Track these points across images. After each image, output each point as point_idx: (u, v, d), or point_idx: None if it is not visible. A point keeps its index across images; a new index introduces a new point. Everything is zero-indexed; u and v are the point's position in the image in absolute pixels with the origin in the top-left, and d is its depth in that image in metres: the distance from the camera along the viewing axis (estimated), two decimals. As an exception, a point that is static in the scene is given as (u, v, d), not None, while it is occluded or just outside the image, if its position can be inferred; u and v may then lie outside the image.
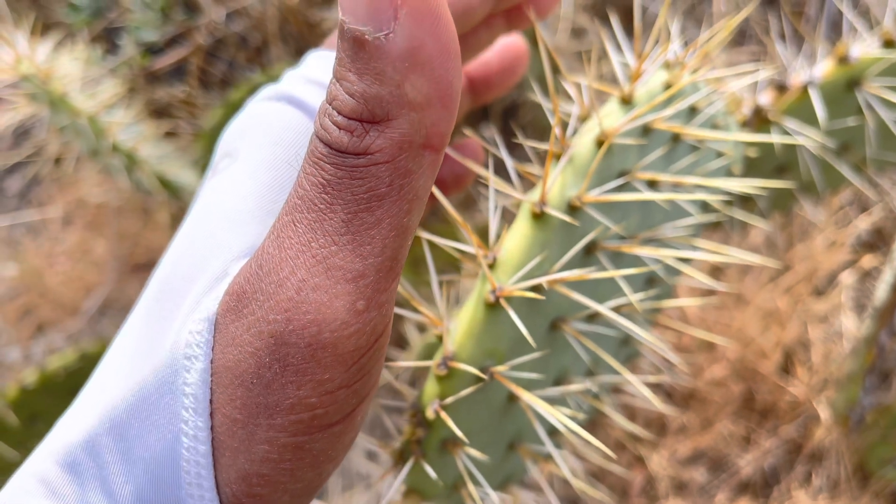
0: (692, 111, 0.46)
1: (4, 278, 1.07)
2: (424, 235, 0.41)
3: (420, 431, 0.38)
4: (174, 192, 0.89)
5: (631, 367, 0.53)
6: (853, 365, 0.80)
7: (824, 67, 0.58)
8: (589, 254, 0.41)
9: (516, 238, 0.38)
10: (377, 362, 0.30)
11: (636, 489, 0.87)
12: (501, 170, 0.83)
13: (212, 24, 0.98)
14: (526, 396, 0.37)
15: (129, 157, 0.82)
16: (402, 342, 0.86)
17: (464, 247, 0.40)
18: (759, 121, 0.59)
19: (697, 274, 0.45)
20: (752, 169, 0.61)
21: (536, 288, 0.37)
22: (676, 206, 0.47)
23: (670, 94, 0.42)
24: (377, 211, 0.27)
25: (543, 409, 0.36)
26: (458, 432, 0.36)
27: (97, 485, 0.29)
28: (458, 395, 0.37)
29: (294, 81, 0.38)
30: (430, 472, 0.38)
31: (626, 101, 0.41)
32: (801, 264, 0.93)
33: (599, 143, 0.39)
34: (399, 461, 0.39)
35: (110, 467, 0.29)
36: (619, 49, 0.51)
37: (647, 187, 0.43)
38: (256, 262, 0.28)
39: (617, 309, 0.44)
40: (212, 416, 0.29)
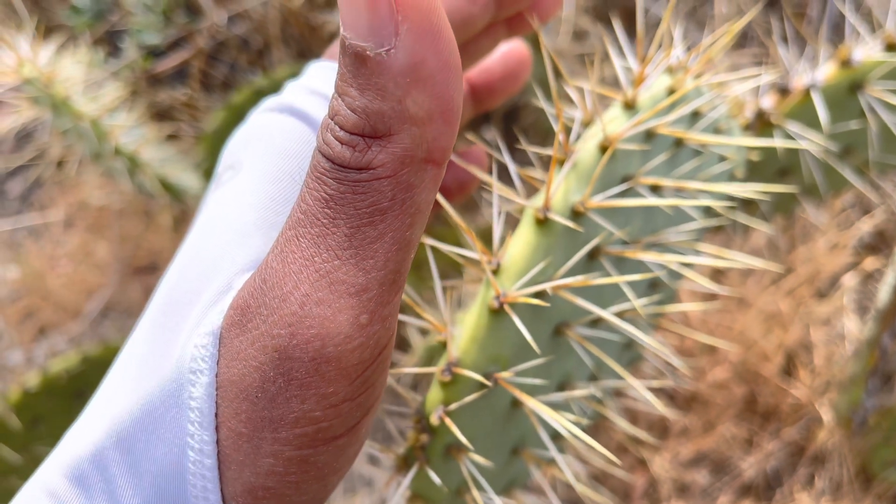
0: (695, 115, 0.46)
1: (6, 281, 1.08)
2: (428, 241, 0.41)
3: (424, 437, 0.38)
4: (176, 195, 0.89)
5: (633, 370, 0.53)
6: (856, 367, 0.80)
7: (827, 71, 0.58)
8: (592, 259, 0.41)
9: (520, 244, 0.38)
10: (381, 375, 0.30)
11: (638, 492, 0.87)
12: (504, 174, 0.83)
13: (213, 26, 0.98)
14: (530, 402, 0.37)
15: (131, 160, 0.82)
16: (403, 345, 0.86)
17: (468, 252, 0.40)
18: (761, 124, 0.59)
19: (700, 278, 0.45)
20: (754, 172, 0.61)
21: (540, 294, 0.37)
22: (679, 210, 0.47)
23: (674, 100, 0.42)
24: (380, 225, 0.27)
25: (548, 415, 0.36)
26: (462, 439, 0.36)
27: (105, 498, 0.29)
28: (463, 402, 0.37)
29: (296, 92, 0.38)
30: (434, 478, 0.38)
31: (630, 106, 0.41)
32: (803, 267, 0.93)
33: (603, 149, 0.39)
34: (403, 467, 0.39)
35: (117, 480, 0.29)
36: (621, 53, 0.51)
37: (650, 192, 0.43)
38: (260, 277, 0.28)
39: (620, 314, 0.44)
40: (217, 429, 0.29)
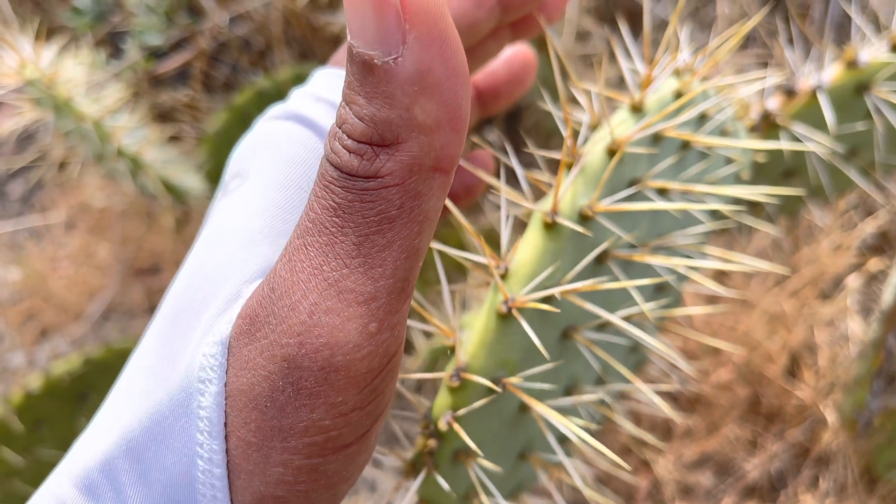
0: (702, 118, 0.46)
1: (8, 283, 1.07)
2: (435, 245, 0.41)
3: (432, 443, 0.37)
4: (178, 196, 0.89)
5: (639, 372, 0.53)
6: (860, 368, 0.79)
7: (833, 72, 0.58)
8: (600, 262, 0.41)
9: (528, 248, 0.37)
10: (390, 383, 0.30)
11: (642, 493, 0.87)
12: (509, 176, 0.83)
13: (215, 27, 0.98)
14: (539, 408, 0.37)
15: (133, 161, 0.82)
16: (408, 347, 0.86)
17: (475, 257, 0.40)
18: (767, 126, 0.59)
19: (705, 280, 0.45)
20: (760, 173, 0.61)
21: (549, 298, 0.37)
22: (686, 213, 0.46)
23: (682, 104, 0.41)
24: (388, 233, 0.27)
25: (557, 420, 0.36)
26: (471, 444, 0.36)
27: None
28: (471, 407, 0.36)
29: (302, 99, 0.38)
30: (442, 483, 0.37)
31: (637, 109, 0.41)
32: (807, 268, 0.93)
33: (611, 153, 0.39)
34: (411, 472, 0.39)
35: (127, 490, 0.29)
36: (627, 54, 0.51)
37: (657, 195, 0.42)
38: (269, 286, 0.28)
39: (628, 318, 0.44)
40: (227, 438, 0.29)
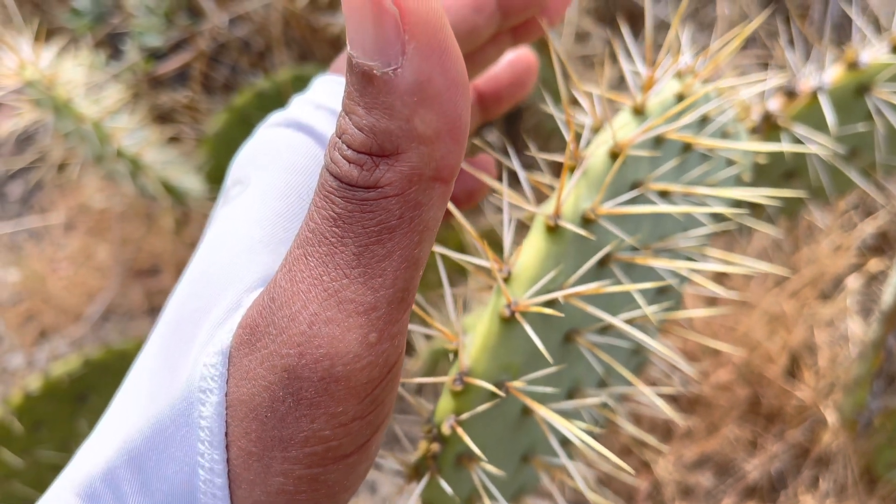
0: (703, 120, 0.46)
1: (7, 284, 1.07)
2: (436, 248, 0.41)
3: (435, 447, 0.37)
4: (178, 198, 0.89)
5: (640, 374, 0.53)
6: (860, 369, 0.79)
7: (833, 73, 0.58)
8: (602, 265, 0.41)
9: (531, 252, 0.37)
10: (390, 393, 0.30)
11: (642, 494, 0.87)
12: (511, 178, 0.83)
13: (215, 28, 0.98)
14: (542, 411, 0.37)
15: (133, 162, 0.82)
16: (408, 349, 0.86)
17: (477, 260, 0.40)
18: (768, 127, 0.59)
19: (706, 282, 0.45)
20: (760, 175, 0.61)
21: (552, 302, 0.37)
22: (688, 215, 0.46)
23: (685, 106, 0.41)
24: (388, 243, 0.27)
25: (560, 424, 0.36)
26: (475, 448, 0.36)
27: None
28: (474, 411, 0.36)
29: (302, 107, 0.38)
30: (446, 487, 0.37)
31: (639, 112, 0.41)
32: (807, 268, 0.93)
33: (614, 155, 0.39)
34: (414, 476, 0.39)
35: (129, 499, 0.29)
36: (628, 55, 0.51)
37: (659, 198, 0.42)
38: (269, 295, 0.28)
39: (630, 320, 0.44)
40: (227, 448, 0.29)
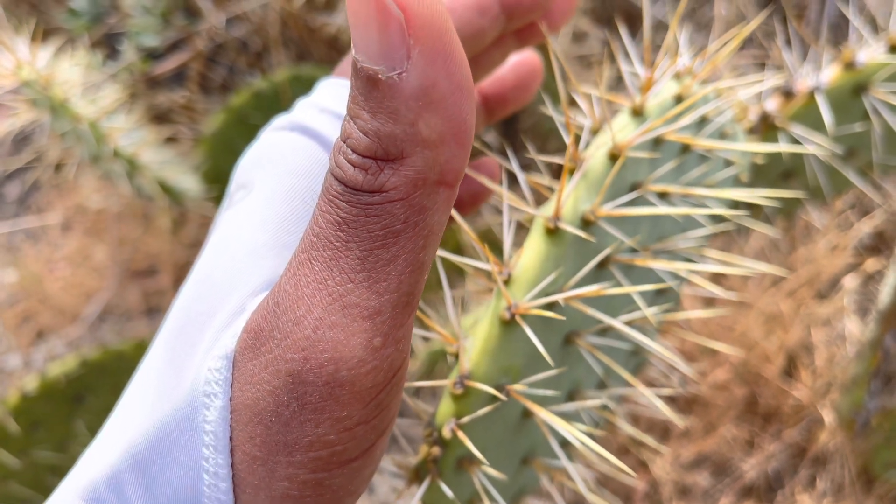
0: (701, 121, 0.46)
1: (4, 284, 1.07)
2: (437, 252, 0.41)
3: (436, 450, 0.37)
4: (175, 198, 0.88)
5: (638, 374, 0.53)
6: (858, 368, 0.80)
7: (831, 73, 0.58)
8: (601, 267, 0.41)
9: (531, 254, 0.37)
10: (395, 397, 0.30)
11: (640, 494, 0.87)
12: (510, 179, 0.83)
13: (212, 29, 0.97)
14: (543, 414, 0.37)
15: (130, 162, 0.82)
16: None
17: (477, 263, 0.40)
18: (765, 127, 0.59)
19: (704, 282, 0.45)
20: (758, 175, 0.61)
21: (552, 304, 0.37)
22: (687, 216, 0.47)
23: (684, 108, 0.42)
24: (392, 248, 0.27)
25: (561, 426, 0.36)
26: (475, 452, 0.36)
27: None
28: (475, 415, 0.36)
29: (307, 110, 0.38)
30: (446, 491, 0.37)
31: (638, 113, 0.41)
32: (804, 268, 0.93)
33: (613, 157, 0.39)
34: (415, 480, 0.39)
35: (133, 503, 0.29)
36: (626, 56, 0.51)
37: (658, 199, 0.42)
38: (273, 300, 0.28)
39: (629, 322, 0.44)
40: (232, 453, 0.29)
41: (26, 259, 1.08)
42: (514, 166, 0.44)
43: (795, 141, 0.58)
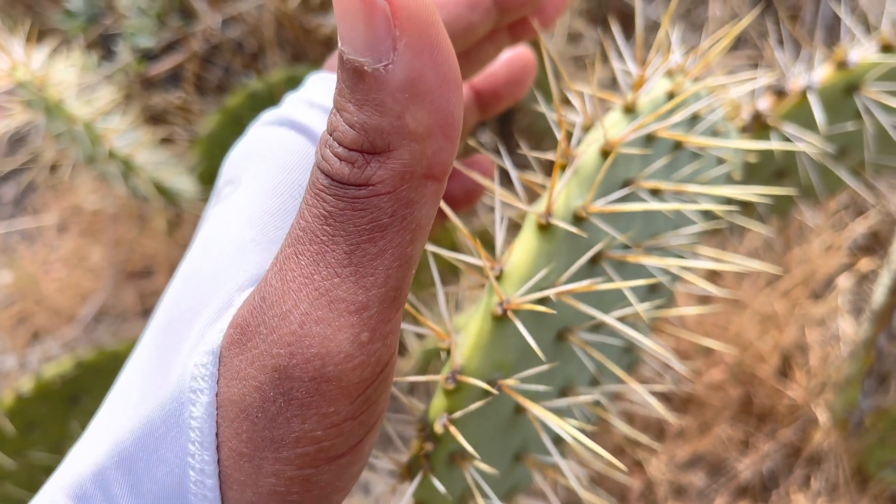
0: (694, 119, 0.46)
1: (0, 286, 1.07)
2: (428, 247, 0.41)
3: (428, 446, 0.37)
4: (171, 199, 0.88)
5: (632, 372, 0.53)
6: (852, 368, 0.80)
7: (823, 72, 0.58)
8: (594, 263, 0.41)
9: (523, 250, 0.38)
10: (383, 393, 0.30)
11: (635, 493, 0.87)
12: (503, 177, 0.83)
13: (208, 30, 0.97)
14: (535, 409, 0.37)
15: (125, 163, 0.81)
16: (400, 349, 0.86)
17: (469, 259, 0.40)
18: (758, 126, 0.59)
19: (698, 280, 0.45)
20: (751, 174, 0.61)
21: (544, 300, 0.37)
22: (679, 213, 0.47)
23: (675, 104, 0.42)
24: (380, 242, 0.26)
25: (553, 422, 0.36)
26: (467, 447, 0.36)
27: None
28: (467, 410, 0.37)
29: (295, 105, 0.38)
30: (438, 486, 0.37)
31: (630, 110, 0.41)
32: (799, 268, 0.94)
33: (605, 154, 0.39)
34: (407, 475, 0.39)
35: (119, 501, 0.29)
36: (619, 55, 0.51)
37: (650, 196, 0.43)
38: (259, 295, 0.28)
39: (622, 318, 0.44)
40: (218, 449, 0.28)
41: (22, 260, 1.08)
42: (508, 164, 0.44)
43: (788, 140, 0.58)
